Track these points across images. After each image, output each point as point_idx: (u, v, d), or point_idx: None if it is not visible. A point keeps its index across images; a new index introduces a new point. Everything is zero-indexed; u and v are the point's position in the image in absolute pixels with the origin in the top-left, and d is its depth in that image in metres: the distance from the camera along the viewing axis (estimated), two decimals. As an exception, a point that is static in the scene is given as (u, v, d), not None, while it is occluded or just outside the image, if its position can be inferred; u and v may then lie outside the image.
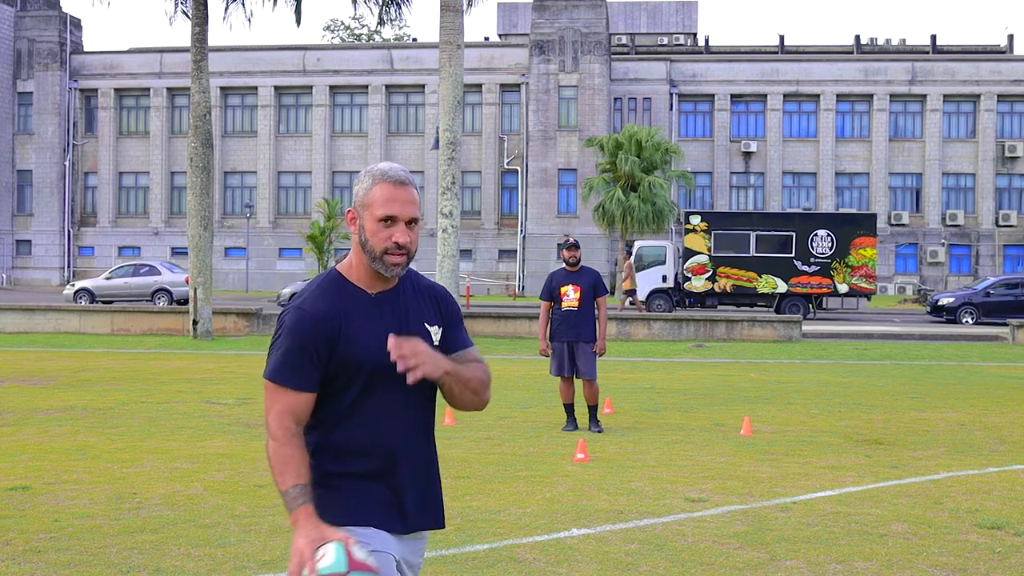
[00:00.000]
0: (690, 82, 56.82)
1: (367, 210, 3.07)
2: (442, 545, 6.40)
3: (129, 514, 7.18)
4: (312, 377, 3.02)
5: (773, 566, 6.15)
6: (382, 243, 3.05)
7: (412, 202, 3.09)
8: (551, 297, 11.43)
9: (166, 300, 36.97)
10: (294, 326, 3.04)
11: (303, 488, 2.94)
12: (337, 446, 3.07)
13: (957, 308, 35.31)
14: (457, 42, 23.48)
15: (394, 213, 3.05)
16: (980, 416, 12.74)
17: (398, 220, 3.06)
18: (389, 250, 3.06)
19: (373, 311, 3.11)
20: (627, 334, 25.60)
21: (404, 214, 3.06)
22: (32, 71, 59.30)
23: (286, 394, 3.02)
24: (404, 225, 3.06)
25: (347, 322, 3.06)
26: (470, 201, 55.92)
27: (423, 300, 3.23)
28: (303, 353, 3.02)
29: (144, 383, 15.31)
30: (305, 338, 3.02)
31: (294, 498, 2.93)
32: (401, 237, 3.05)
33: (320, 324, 3.03)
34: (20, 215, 59.95)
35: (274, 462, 2.98)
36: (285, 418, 3.01)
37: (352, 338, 3.05)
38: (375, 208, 3.06)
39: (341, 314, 3.07)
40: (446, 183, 23.24)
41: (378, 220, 3.05)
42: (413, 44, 62.12)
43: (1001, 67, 56.36)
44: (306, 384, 3.02)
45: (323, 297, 3.09)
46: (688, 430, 11.34)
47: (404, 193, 3.07)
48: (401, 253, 3.07)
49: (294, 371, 3.02)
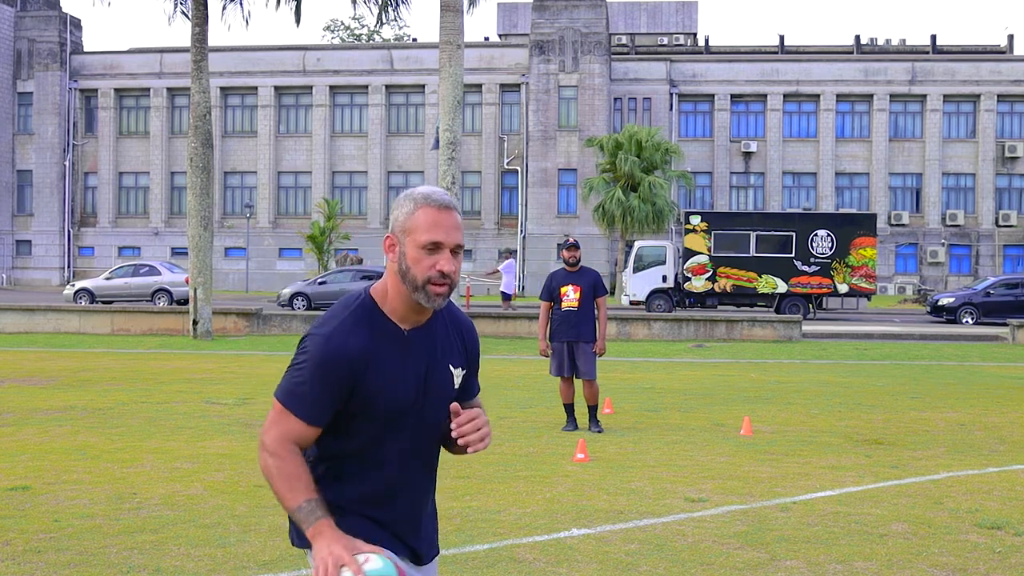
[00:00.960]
0: (690, 82, 56.83)
1: (409, 236, 2.87)
2: (442, 545, 6.38)
3: (129, 514, 7.18)
4: (325, 414, 2.86)
5: (773, 566, 6.15)
6: (425, 272, 2.84)
7: (457, 228, 2.89)
8: (551, 297, 11.43)
9: (166, 300, 36.96)
10: (321, 361, 2.83)
11: (318, 502, 2.80)
12: (341, 476, 2.94)
13: (957, 308, 35.30)
14: (457, 42, 23.48)
15: (439, 239, 2.85)
16: (980, 416, 12.74)
17: (443, 247, 2.86)
18: (433, 279, 2.85)
19: (404, 351, 2.93)
20: (627, 334, 25.61)
21: (450, 240, 2.86)
22: (32, 71, 59.31)
23: (293, 421, 2.85)
24: (449, 252, 2.87)
25: (376, 363, 2.88)
26: (470, 201, 55.93)
27: (451, 337, 3.06)
28: (323, 389, 2.83)
29: (144, 383, 15.31)
30: (328, 376, 2.83)
31: (310, 512, 2.78)
32: (446, 265, 2.85)
33: (345, 363, 2.83)
34: (20, 215, 59.96)
35: (278, 479, 2.82)
36: (286, 440, 2.86)
37: (378, 381, 2.88)
38: (418, 234, 2.85)
39: (371, 354, 2.87)
40: (446, 183, 23.24)
41: (421, 247, 2.85)
42: (413, 44, 62.12)
43: (1001, 67, 56.37)
44: (316, 419, 2.85)
45: (355, 331, 2.87)
46: (688, 430, 11.34)
47: (449, 218, 2.88)
48: (445, 283, 2.86)
49: (307, 403, 2.84)
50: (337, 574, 2.68)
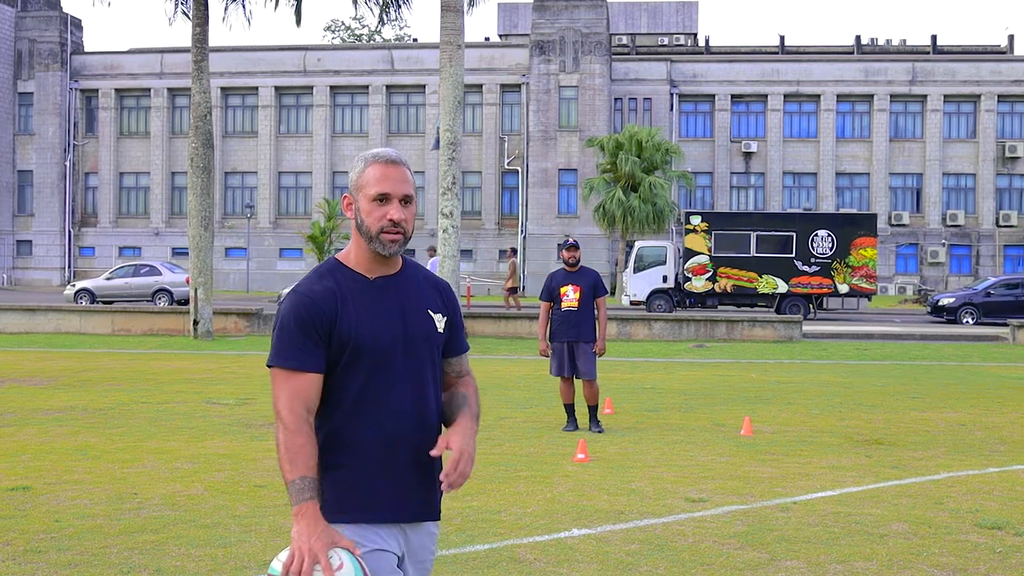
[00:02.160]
0: (690, 82, 56.83)
1: (361, 192, 3.09)
2: (442, 545, 6.40)
3: (130, 514, 7.19)
4: (316, 356, 3.00)
5: (773, 566, 6.15)
6: (378, 222, 3.06)
7: (405, 180, 3.10)
8: (551, 297, 11.43)
9: (167, 300, 36.97)
10: (292, 308, 3.03)
11: (311, 482, 2.92)
12: (338, 435, 3.04)
13: (957, 308, 35.29)
14: (458, 42, 23.48)
15: (387, 191, 3.07)
16: (980, 416, 12.74)
17: (392, 198, 3.08)
18: (385, 228, 3.06)
19: (373, 294, 3.10)
20: (627, 334, 25.61)
21: (397, 191, 3.08)
22: (33, 71, 59.32)
23: (292, 377, 2.99)
24: (398, 203, 3.08)
25: (345, 304, 3.05)
26: (471, 201, 55.93)
27: (426, 288, 3.22)
28: (304, 333, 3.00)
29: (145, 383, 15.31)
30: (303, 318, 3.01)
31: (301, 490, 2.90)
32: (396, 214, 3.07)
33: (318, 302, 3.02)
34: (21, 215, 59.96)
35: (283, 450, 2.94)
36: (295, 404, 2.97)
37: (351, 320, 3.03)
38: (368, 188, 3.08)
39: (339, 296, 3.05)
40: (447, 183, 23.24)
41: (372, 200, 3.07)
42: (414, 44, 62.12)
43: (1001, 67, 56.36)
44: (310, 364, 3.00)
45: (320, 280, 3.09)
46: (688, 430, 11.34)
47: (396, 171, 3.09)
48: (397, 231, 3.08)
49: (296, 352, 3.00)
50: (311, 572, 2.81)
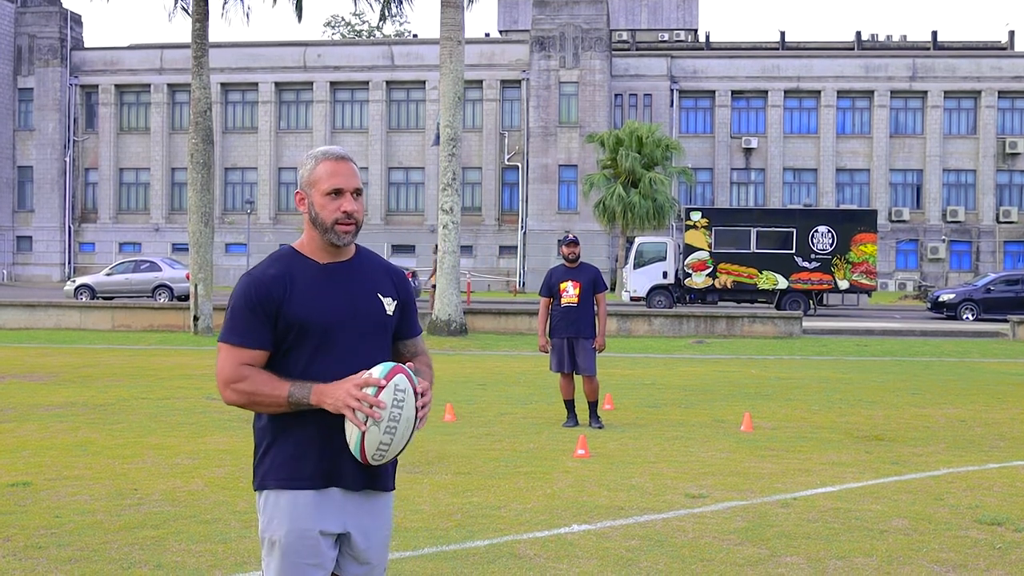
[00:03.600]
0: (691, 78, 56.81)
1: (314, 187, 3.26)
2: (442, 541, 6.41)
3: (130, 510, 7.19)
4: (263, 335, 3.18)
5: (773, 562, 6.16)
6: (332, 214, 3.23)
7: (354, 175, 3.29)
8: (550, 293, 11.42)
9: (167, 296, 36.97)
10: (243, 290, 3.20)
11: (300, 383, 3.11)
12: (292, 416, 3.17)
13: (958, 304, 35.30)
14: (458, 38, 23.47)
15: (340, 185, 3.24)
16: (980, 412, 12.74)
17: (344, 192, 3.25)
18: (339, 220, 3.23)
19: (322, 278, 3.26)
20: (627, 330, 25.61)
21: (349, 185, 3.26)
22: (33, 67, 59.30)
23: (238, 351, 3.17)
24: (350, 195, 3.26)
25: (295, 285, 3.21)
26: (471, 197, 55.92)
27: (377, 274, 3.38)
28: (253, 314, 3.17)
29: (145, 379, 15.32)
30: (252, 299, 3.17)
31: (300, 388, 3.10)
32: (349, 206, 3.24)
33: (268, 285, 3.18)
34: (21, 211, 59.97)
35: (255, 389, 3.13)
36: (238, 364, 3.15)
37: (300, 300, 3.19)
38: (321, 183, 3.25)
39: (289, 278, 3.22)
40: (447, 179, 23.24)
41: (326, 194, 3.24)
42: (414, 40, 62.08)
43: (1002, 63, 56.33)
44: (257, 342, 3.18)
45: (272, 265, 3.26)
46: (688, 426, 11.34)
47: (346, 167, 3.28)
48: (350, 222, 3.25)
49: (245, 331, 3.18)
50: (361, 394, 3.04)
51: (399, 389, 3.05)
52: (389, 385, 3.04)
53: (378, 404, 3.03)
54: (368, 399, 3.03)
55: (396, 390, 3.05)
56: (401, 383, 3.06)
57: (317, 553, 3.16)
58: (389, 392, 3.04)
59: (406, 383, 3.07)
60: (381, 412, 3.03)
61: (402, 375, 3.08)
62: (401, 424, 3.06)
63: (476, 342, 22.76)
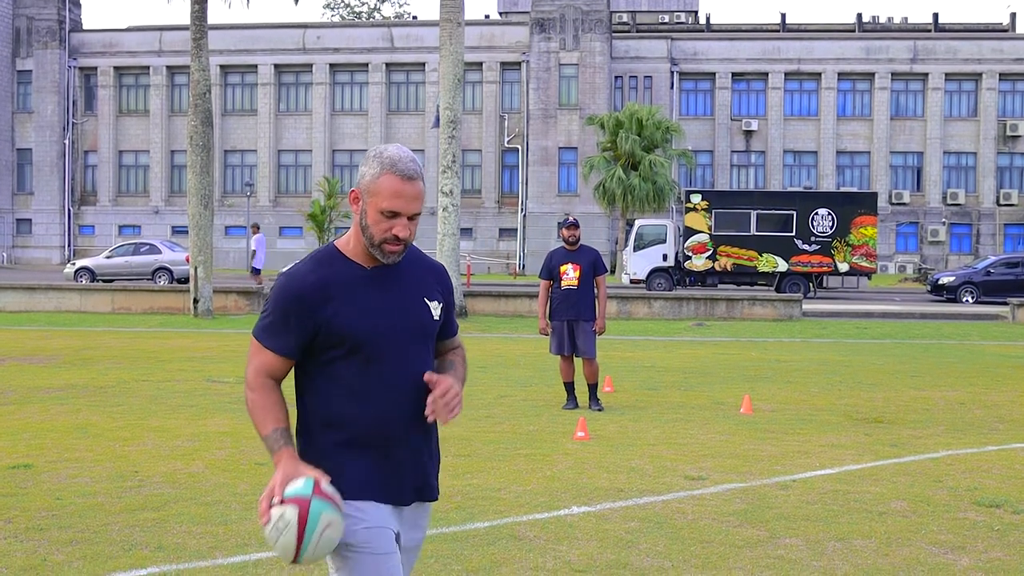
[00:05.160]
0: (691, 60, 56.65)
1: (372, 198, 3.04)
2: (443, 523, 6.42)
3: (131, 492, 7.20)
4: (289, 344, 3.08)
5: (772, 544, 6.18)
6: (382, 234, 3.05)
7: (417, 198, 3.05)
8: (550, 276, 11.41)
9: (166, 279, 36.99)
10: (280, 293, 3.09)
11: (283, 431, 3.04)
12: (337, 419, 3.08)
13: (957, 287, 35.33)
14: (457, 20, 23.40)
15: (398, 209, 3.03)
16: (979, 395, 12.76)
17: (401, 215, 3.05)
18: (388, 240, 3.06)
19: (368, 284, 3.10)
20: (627, 313, 25.62)
21: (408, 210, 3.05)
22: (31, 49, 59.12)
23: (265, 353, 3.11)
24: (406, 219, 3.06)
25: (338, 293, 3.06)
26: (470, 179, 55.85)
27: (423, 275, 3.22)
28: (285, 320, 3.06)
29: (145, 362, 15.33)
30: (289, 306, 3.06)
31: (275, 440, 3.02)
32: (402, 232, 3.05)
33: (306, 294, 3.05)
34: (20, 194, 59.90)
35: (254, 410, 3.09)
36: (261, 373, 3.11)
37: (346, 312, 3.05)
38: (379, 199, 3.03)
39: (331, 285, 3.07)
40: (446, 161, 23.21)
41: (381, 212, 3.03)
42: (413, 22, 61.89)
43: (1003, 45, 56.17)
44: (283, 349, 3.09)
45: (316, 268, 3.10)
46: (688, 408, 11.36)
47: (411, 189, 3.04)
48: (399, 244, 3.07)
49: (274, 335, 3.09)
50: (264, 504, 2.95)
51: (283, 520, 2.89)
52: (277, 511, 2.91)
53: (262, 517, 2.94)
54: (260, 508, 2.94)
55: (280, 519, 2.89)
56: (288, 515, 2.88)
57: (394, 544, 3.07)
58: (275, 517, 2.91)
59: (292, 518, 2.88)
60: (266, 527, 2.93)
61: (294, 508, 2.88)
62: (277, 548, 2.93)
63: (476, 324, 22.76)
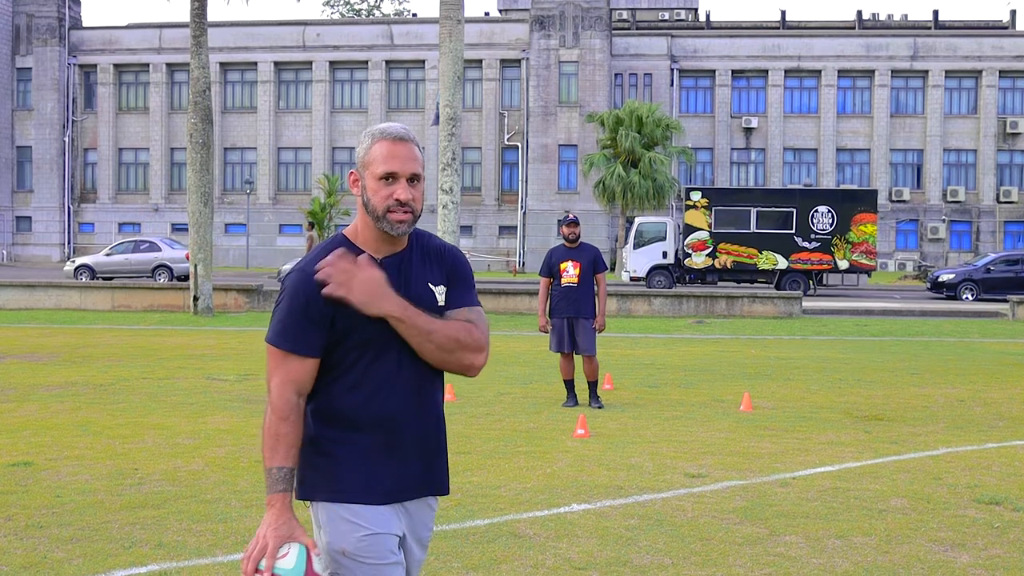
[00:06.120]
0: (691, 57, 56.62)
1: (367, 169, 3.00)
2: (442, 520, 6.42)
3: (130, 490, 7.21)
4: (314, 342, 2.94)
5: (772, 541, 6.18)
6: (384, 201, 2.97)
7: (413, 158, 3.00)
8: (550, 273, 11.41)
9: (166, 276, 36.99)
10: (294, 291, 2.95)
11: (288, 473, 2.91)
12: (337, 413, 2.99)
13: (957, 284, 35.32)
14: (457, 17, 23.38)
15: (394, 169, 2.97)
16: (979, 392, 12.76)
17: (399, 177, 2.98)
18: (391, 208, 2.97)
19: None
20: (627, 310, 25.62)
21: (405, 170, 2.98)
22: (31, 46, 59.09)
23: (288, 360, 2.94)
24: (406, 182, 2.99)
25: None
26: (470, 177, 55.84)
27: (429, 261, 3.13)
28: (303, 317, 2.94)
29: (145, 359, 15.33)
30: (303, 299, 2.94)
31: (276, 480, 2.90)
32: (402, 194, 2.97)
33: (319, 289, 2.92)
34: (20, 191, 59.90)
35: (268, 435, 2.93)
36: (287, 388, 2.93)
37: None
38: (375, 166, 2.98)
39: None
40: (446, 159, 23.20)
41: (378, 178, 2.97)
42: (413, 19, 61.86)
43: (1003, 43, 56.14)
44: (308, 349, 2.94)
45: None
46: (688, 406, 11.36)
47: (404, 149, 2.99)
48: (405, 211, 2.98)
49: (296, 335, 2.94)
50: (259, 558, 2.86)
51: None
52: None
53: None
54: (245, 569, 2.86)
55: None
56: None
57: (395, 551, 2.99)
58: None
59: None
60: None
61: None
62: None
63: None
